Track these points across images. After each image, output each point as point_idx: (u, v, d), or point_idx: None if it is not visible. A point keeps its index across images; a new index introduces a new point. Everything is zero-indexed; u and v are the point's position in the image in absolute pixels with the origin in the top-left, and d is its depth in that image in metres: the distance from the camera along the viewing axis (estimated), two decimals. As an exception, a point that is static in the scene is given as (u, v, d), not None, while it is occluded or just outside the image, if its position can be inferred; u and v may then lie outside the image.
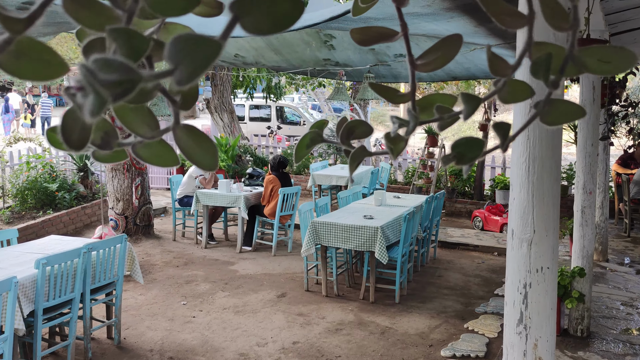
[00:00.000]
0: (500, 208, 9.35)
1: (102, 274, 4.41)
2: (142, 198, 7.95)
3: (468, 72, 8.31)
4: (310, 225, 5.84)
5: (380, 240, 5.57)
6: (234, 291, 6.13)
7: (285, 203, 7.54)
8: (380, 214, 6.22)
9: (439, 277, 6.71)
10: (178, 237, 8.33)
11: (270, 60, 8.55)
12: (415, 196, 7.70)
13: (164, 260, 7.25)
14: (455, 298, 5.99)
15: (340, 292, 6.05)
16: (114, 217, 7.86)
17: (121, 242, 4.55)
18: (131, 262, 4.86)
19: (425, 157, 10.60)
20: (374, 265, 5.74)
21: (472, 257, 7.68)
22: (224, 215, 8.40)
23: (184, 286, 6.26)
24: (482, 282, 6.57)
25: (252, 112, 20.02)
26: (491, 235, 8.52)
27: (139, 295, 5.91)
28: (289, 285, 6.33)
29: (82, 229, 8.50)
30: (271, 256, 7.51)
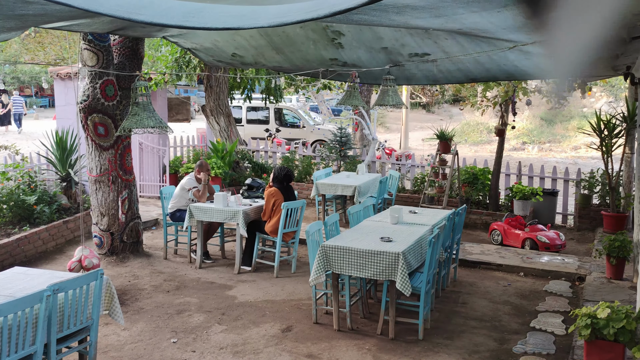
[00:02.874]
0: (520, 220, 8.60)
1: (73, 318, 3.63)
2: (130, 212, 7.15)
3: (488, 74, 7.54)
4: (320, 250, 5.07)
5: (402, 269, 4.80)
6: (232, 324, 5.35)
7: (288, 219, 6.76)
8: (399, 235, 5.46)
9: (463, 305, 5.95)
10: (170, 255, 7.55)
11: (271, 60, 7.76)
12: (433, 211, 6.93)
13: (153, 283, 6.46)
14: (486, 332, 5.22)
15: (354, 326, 5.28)
16: (98, 234, 7.06)
17: (96, 278, 3.77)
18: (110, 300, 4.08)
19: (437, 165, 9.84)
20: (394, 297, 4.98)
21: (496, 278, 6.92)
22: (221, 230, 7.63)
23: (174, 318, 5.47)
24: (513, 310, 5.81)
25: (249, 115, 19.25)
26: (514, 252, 7.76)
27: (122, 331, 5.13)
28: (295, 316, 5.55)
29: (64, 246, 7.70)
30: (273, 278, 6.74)
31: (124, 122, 4.48)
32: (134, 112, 4.33)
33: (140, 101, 4.27)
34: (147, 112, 4.29)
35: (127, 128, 4.34)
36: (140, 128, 4.25)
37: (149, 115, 4.31)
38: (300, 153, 12.07)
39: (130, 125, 4.30)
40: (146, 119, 4.31)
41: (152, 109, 4.40)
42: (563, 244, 8.06)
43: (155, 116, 4.39)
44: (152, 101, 11.04)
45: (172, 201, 7.44)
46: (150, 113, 4.34)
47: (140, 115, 4.30)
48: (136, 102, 4.33)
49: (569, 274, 6.85)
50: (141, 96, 4.22)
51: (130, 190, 7.09)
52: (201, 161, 7.45)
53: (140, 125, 4.26)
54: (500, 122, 9.61)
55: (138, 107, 4.30)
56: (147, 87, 4.47)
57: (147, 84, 4.54)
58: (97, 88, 6.43)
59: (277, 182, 6.99)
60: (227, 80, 11.36)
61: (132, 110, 4.37)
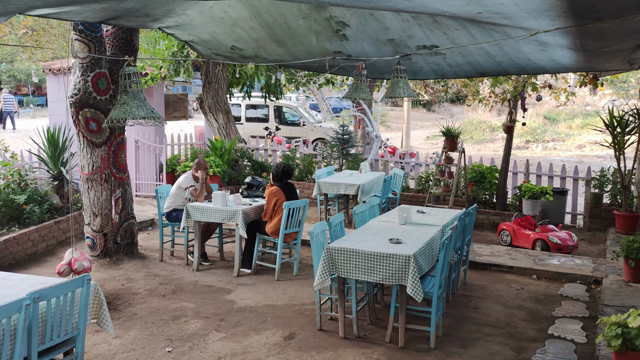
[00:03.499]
0: (530, 220, 8.28)
1: (57, 329, 3.30)
2: (124, 212, 6.82)
3: (499, 67, 7.22)
4: (325, 252, 4.75)
5: (414, 272, 4.48)
6: (232, 331, 5.02)
7: (290, 219, 6.44)
8: (408, 236, 5.13)
9: (475, 310, 5.63)
10: (166, 257, 7.22)
11: (272, 54, 7.43)
12: (442, 210, 6.61)
13: (147, 287, 6.14)
14: (501, 340, 4.90)
15: (361, 333, 4.96)
16: (91, 235, 6.73)
17: (82, 284, 3.44)
18: (98, 308, 3.75)
19: (443, 163, 9.52)
20: (404, 302, 4.66)
21: (508, 281, 6.60)
22: (219, 231, 7.31)
23: (170, 324, 5.15)
24: (528, 316, 5.49)
25: (248, 112, 18.92)
26: (525, 254, 7.44)
27: (114, 339, 4.80)
28: (298, 322, 5.23)
29: (55, 248, 7.37)
30: (274, 281, 6.42)
31: (111, 112, 4.12)
32: (122, 101, 3.97)
33: (130, 89, 3.91)
34: (137, 101, 3.93)
35: (115, 119, 3.98)
36: (130, 118, 3.88)
37: (140, 105, 3.94)
38: (301, 151, 11.75)
39: (119, 115, 3.94)
40: (136, 109, 3.94)
41: (142, 97, 4.03)
42: (575, 245, 7.75)
43: (147, 106, 4.03)
44: (148, 98, 10.70)
45: (168, 200, 7.12)
46: (141, 102, 3.97)
47: (129, 104, 3.93)
48: (125, 90, 3.97)
49: (585, 277, 6.53)
50: (131, 84, 3.85)
51: (124, 189, 6.76)
52: (199, 159, 7.13)
53: (129, 115, 3.89)
54: (509, 118, 9.29)
55: (127, 96, 3.94)
56: (137, 74, 4.12)
57: (137, 69, 4.19)
58: (89, 81, 6.10)
59: (277, 180, 6.66)
60: (225, 77, 11.03)
61: (120, 99, 4.01)
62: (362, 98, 5.55)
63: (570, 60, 6.55)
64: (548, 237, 7.71)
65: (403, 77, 4.99)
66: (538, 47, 6.02)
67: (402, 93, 4.96)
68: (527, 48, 6.15)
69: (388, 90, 5.02)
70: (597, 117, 23.48)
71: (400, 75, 5.03)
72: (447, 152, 9.51)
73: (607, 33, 4.64)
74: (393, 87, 4.99)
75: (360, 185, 8.55)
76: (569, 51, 5.89)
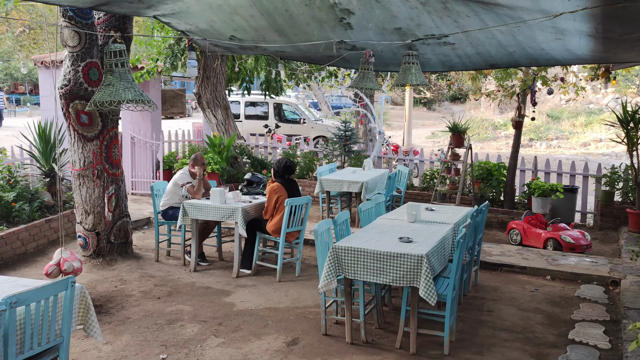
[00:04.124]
0: (541, 219, 7.97)
1: (37, 337, 2.98)
2: (117, 210, 6.50)
3: (510, 58, 6.91)
4: (331, 252, 4.43)
5: (427, 273, 4.17)
6: (231, 336, 4.70)
7: (292, 217, 6.12)
8: (419, 235, 4.82)
9: (489, 313, 5.32)
10: (162, 257, 6.90)
11: (273, 44, 7.11)
12: (452, 208, 6.29)
13: (142, 289, 5.82)
14: (520, 346, 4.58)
15: (369, 338, 4.64)
16: (83, 234, 6.41)
17: (66, 288, 3.12)
18: (85, 313, 3.43)
19: (449, 159, 9.20)
20: (416, 306, 4.34)
21: (521, 282, 6.29)
22: (217, 230, 6.99)
23: (165, 329, 4.83)
24: (546, 320, 5.17)
25: (248, 110, 18.59)
26: (537, 254, 7.13)
27: (105, 345, 4.47)
28: (301, 327, 4.91)
29: (46, 248, 7.04)
30: (275, 282, 6.10)
31: (95, 94, 3.76)
32: (107, 82, 3.60)
33: (116, 69, 3.54)
34: (124, 83, 3.56)
35: (99, 102, 3.62)
36: (116, 100, 3.52)
37: (127, 86, 3.58)
38: (302, 148, 11.43)
39: (103, 97, 3.58)
40: (123, 91, 3.58)
41: (130, 78, 3.67)
42: (589, 244, 7.44)
43: (135, 88, 3.67)
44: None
45: (164, 198, 6.79)
46: (129, 84, 3.61)
47: (115, 85, 3.56)
48: (110, 69, 3.60)
49: (602, 278, 6.22)
50: (117, 63, 3.48)
51: (117, 185, 6.44)
52: (196, 154, 6.81)
53: (116, 97, 3.52)
54: (517, 113, 8.97)
55: (113, 76, 3.57)
56: (124, 52, 3.77)
57: (124, 47, 3.83)
58: (80, 71, 5.77)
59: (279, 176, 6.35)
60: (224, 71, 10.71)
61: (105, 80, 3.64)
62: (369, 88, 5.23)
63: (585, 50, 6.24)
64: (560, 236, 7.40)
65: (415, 64, 4.66)
66: (554, 36, 5.71)
67: (414, 80, 4.63)
68: (542, 36, 5.83)
69: (399, 77, 4.68)
70: (601, 114, 23.18)
71: (412, 61, 4.69)
72: (453, 149, 9.20)
73: (636, 16, 4.32)
74: (404, 74, 4.65)
75: (364, 183, 8.24)
76: (587, 39, 5.57)
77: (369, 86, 5.10)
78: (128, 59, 3.74)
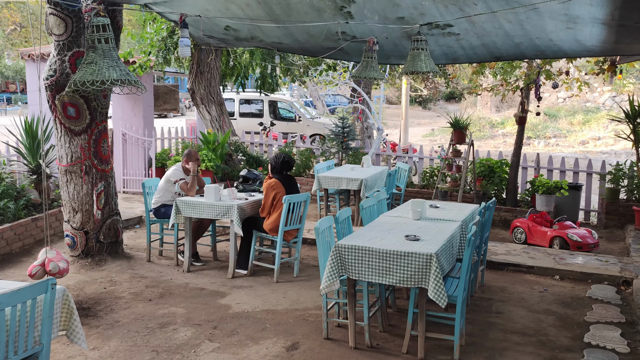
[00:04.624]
0: (546, 217, 7.73)
1: (12, 345, 2.69)
2: (107, 208, 6.20)
3: (516, 50, 6.67)
4: (334, 251, 4.16)
5: (436, 273, 3.90)
6: (226, 340, 4.42)
7: (290, 215, 5.85)
8: (426, 233, 4.55)
9: (498, 315, 5.06)
10: (154, 257, 6.61)
11: (270, 35, 6.85)
12: (457, 205, 6.03)
13: (132, 290, 5.52)
14: (533, 350, 4.32)
15: (373, 342, 4.37)
16: (70, 233, 6.11)
17: (46, 290, 2.83)
18: (68, 317, 3.14)
19: (451, 156, 8.95)
20: (424, 308, 4.07)
21: (528, 282, 6.04)
22: (212, 228, 6.70)
23: (156, 333, 4.54)
24: (558, 322, 4.92)
25: (242, 108, 18.30)
26: (544, 252, 6.88)
27: (91, 351, 4.18)
28: (301, 330, 4.63)
29: (33, 247, 6.73)
30: (273, 283, 5.82)
31: (76, 74, 3.44)
32: (89, 60, 3.26)
33: (99, 45, 3.22)
34: (108, 60, 3.23)
35: (80, 81, 3.31)
36: (99, 80, 3.19)
37: (111, 65, 3.25)
38: (298, 146, 11.16)
39: (85, 77, 3.25)
40: (107, 69, 3.24)
41: (115, 56, 3.34)
42: (596, 243, 7.20)
43: (121, 66, 3.34)
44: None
45: (156, 195, 6.50)
46: (113, 62, 3.27)
47: (98, 64, 3.23)
48: (93, 46, 3.27)
49: (613, 277, 5.98)
50: (100, 38, 3.16)
51: (107, 182, 6.14)
52: (189, 150, 6.52)
53: (99, 77, 3.19)
54: (521, 108, 8.73)
55: (95, 54, 3.24)
56: (108, 26, 3.45)
57: (108, 21, 3.51)
58: (66, 61, 5.46)
59: (276, 172, 6.06)
60: (218, 66, 10.41)
61: (87, 58, 3.30)
62: (373, 77, 4.95)
63: (596, 41, 6.00)
64: (567, 235, 7.16)
65: (424, 50, 4.38)
66: (565, 24, 5.47)
67: (423, 67, 4.35)
68: (552, 25, 5.59)
69: (408, 64, 4.40)
70: (598, 113, 23.04)
71: (421, 47, 4.41)
72: (454, 145, 8.95)
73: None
74: (413, 61, 4.37)
75: (363, 180, 7.97)
76: (600, 28, 5.33)
77: (372, 76, 4.83)
78: (113, 35, 3.42)
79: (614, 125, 21.10)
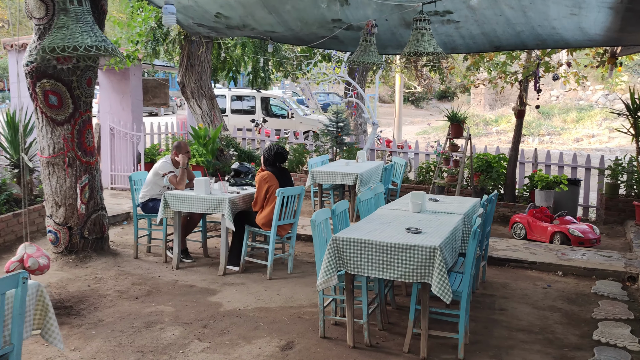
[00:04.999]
0: (546, 212, 7.54)
1: (-22, 345, 2.43)
2: (92, 202, 5.93)
3: (517, 39, 6.46)
4: (331, 244, 3.92)
5: (440, 267, 3.67)
6: (217, 340, 4.17)
7: (285, 208, 5.60)
8: (427, 225, 4.33)
9: (502, 312, 4.84)
10: (141, 254, 6.34)
11: (262, 23, 6.59)
12: (458, 198, 5.82)
13: (118, 288, 5.26)
14: (540, 348, 4.11)
15: (373, 341, 4.14)
16: (53, 229, 5.83)
17: (16, 285, 2.57)
18: (42, 315, 2.88)
19: (448, 151, 8.74)
20: (427, 304, 3.84)
21: (531, 278, 5.83)
22: (202, 223, 6.45)
23: (142, 333, 4.28)
24: (564, 319, 4.71)
25: (234, 104, 18.00)
26: (545, 248, 6.68)
27: (72, 352, 3.92)
28: (296, 329, 4.39)
29: (14, 244, 6.42)
30: (266, 280, 5.57)
31: (45, 40, 3.14)
32: (60, 24, 2.93)
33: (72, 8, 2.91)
34: (81, 25, 2.91)
35: (49, 47, 3.01)
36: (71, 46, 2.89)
37: (85, 30, 2.93)
38: (291, 142, 10.91)
39: (55, 42, 2.94)
40: (80, 35, 2.92)
41: (90, 21, 3.04)
42: (598, 238, 7.01)
43: (96, 32, 3.02)
44: (124, 81, 9.72)
45: (144, 189, 6.23)
46: (87, 27, 2.96)
47: (70, 28, 2.91)
48: (64, 8, 2.96)
49: (617, 273, 5.79)
50: None
51: (91, 175, 5.86)
52: (179, 141, 6.26)
53: (70, 42, 2.88)
54: (519, 101, 8.54)
55: (67, 17, 2.92)
56: None
57: None
58: (48, 46, 5.18)
59: (269, 164, 5.82)
60: (209, 59, 10.14)
61: (58, 22, 2.98)
62: (372, 61, 4.71)
63: (599, 29, 5.80)
64: (568, 230, 6.97)
65: (427, 30, 4.13)
66: (569, 10, 5.26)
67: (427, 47, 4.10)
68: (556, 11, 5.38)
69: (410, 45, 4.15)
70: (591, 110, 22.95)
71: (424, 27, 4.16)
72: (452, 139, 8.75)
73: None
74: (416, 41, 4.12)
75: (358, 175, 7.74)
76: (606, 13, 5.13)
77: (371, 60, 4.59)
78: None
79: (607, 123, 21.03)
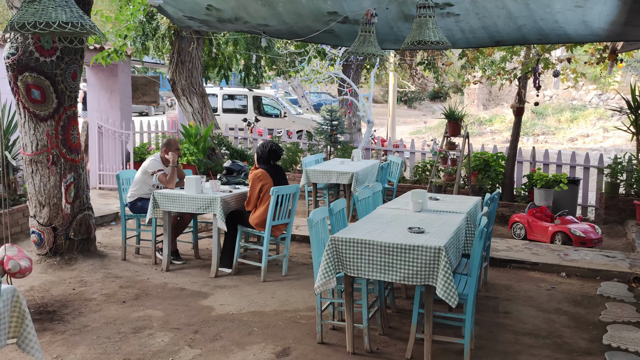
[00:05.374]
0: (546, 212, 7.37)
1: (-57, 357, 2.19)
2: (77, 202, 5.68)
3: (518, 34, 6.28)
4: (330, 245, 3.71)
5: (445, 269, 3.47)
6: (209, 346, 3.94)
7: (279, 208, 5.38)
8: (430, 225, 4.13)
9: (506, 315, 4.65)
10: (130, 256, 6.09)
11: (256, 16, 6.37)
12: (458, 197, 5.62)
13: (105, 291, 5.01)
14: (549, 354, 3.92)
15: (373, 346, 3.93)
16: (37, 229, 5.58)
17: (-13, 290, 2.33)
18: (19, 323, 2.65)
19: (445, 149, 8.56)
20: (431, 308, 3.64)
21: (534, 279, 5.65)
22: (193, 224, 6.21)
23: (129, 339, 4.04)
24: (571, 322, 4.52)
25: (226, 103, 17.76)
26: (547, 248, 6.51)
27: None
28: (292, 334, 4.17)
29: (-4, 245, 6.16)
30: (260, 282, 5.35)
31: (14, 15, 2.88)
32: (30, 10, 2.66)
33: None
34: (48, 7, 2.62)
35: (19, 23, 2.73)
36: (43, 22, 2.62)
37: (60, 4, 2.67)
38: (284, 141, 10.69)
39: (25, 18, 2.65)
40: (54, 10, 2.64)
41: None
42: (599, 239, 6.85)
43: (73, 8, 2.77)
44: (112, 78, 9.44)
45: (132, 188, 5.99)
46: (63, 1, 2.72)
47: (43, 2, 2.66)
48: None
49: (622, 274, 5.62)
50: None
51: (77, 173, 5.61)
52: (169, 139, 6.03)
53: (43, 18, 2.61)
54: (518, 99, 8.37)
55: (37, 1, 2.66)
56: None
57: None
58: (30, 38, 4.94)
59: (263, 161, 5.59)
60: (201, 56, 9.90)
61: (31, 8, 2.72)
62: (372, 53, 4.50)
63: (604, 22, 5.63)
64: (570, 230, 6.80)
65: (432, 17, 3.93)
66: (574, 2, 5.08)
67: (432, 36, 3.89)
68: (560, 4, 5.20)
69: (414, 34, 3.94)
70: (585, 110, 22.90)
71: (429, 14, 3.95)
72: (449, 137, 8.56)
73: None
74: (420, 29, 3.91)
75: (354, 174, 7.53)
76: (612, 5, 4.96)
77: (370, 51, 4.38)
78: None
79: (602, 123, 20.98)
